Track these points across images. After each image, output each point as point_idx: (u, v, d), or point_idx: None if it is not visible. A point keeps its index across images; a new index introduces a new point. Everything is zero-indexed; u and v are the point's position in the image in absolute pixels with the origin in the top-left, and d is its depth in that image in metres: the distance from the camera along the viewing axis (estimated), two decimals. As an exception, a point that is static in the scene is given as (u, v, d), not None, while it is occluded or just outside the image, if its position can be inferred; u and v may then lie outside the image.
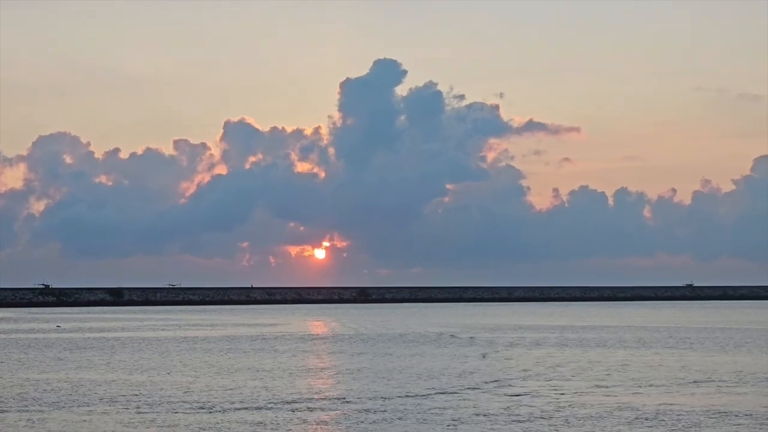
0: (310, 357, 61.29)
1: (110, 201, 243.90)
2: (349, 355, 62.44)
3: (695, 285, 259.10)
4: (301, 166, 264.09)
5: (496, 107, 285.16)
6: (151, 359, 59.46)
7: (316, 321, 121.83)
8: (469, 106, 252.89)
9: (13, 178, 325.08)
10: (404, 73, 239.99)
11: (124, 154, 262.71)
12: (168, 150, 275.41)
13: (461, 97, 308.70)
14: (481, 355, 61.89)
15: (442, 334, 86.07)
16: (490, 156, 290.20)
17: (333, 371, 51.20)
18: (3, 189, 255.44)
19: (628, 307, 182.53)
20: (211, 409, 35.63)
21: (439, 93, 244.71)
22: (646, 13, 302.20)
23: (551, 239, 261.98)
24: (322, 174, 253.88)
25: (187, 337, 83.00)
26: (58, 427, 31.87)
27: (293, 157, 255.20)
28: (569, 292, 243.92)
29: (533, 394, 39.67)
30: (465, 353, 63.17)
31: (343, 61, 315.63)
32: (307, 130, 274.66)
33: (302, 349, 68.80)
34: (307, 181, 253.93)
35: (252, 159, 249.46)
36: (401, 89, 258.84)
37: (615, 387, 42.51)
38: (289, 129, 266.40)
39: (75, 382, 45.64)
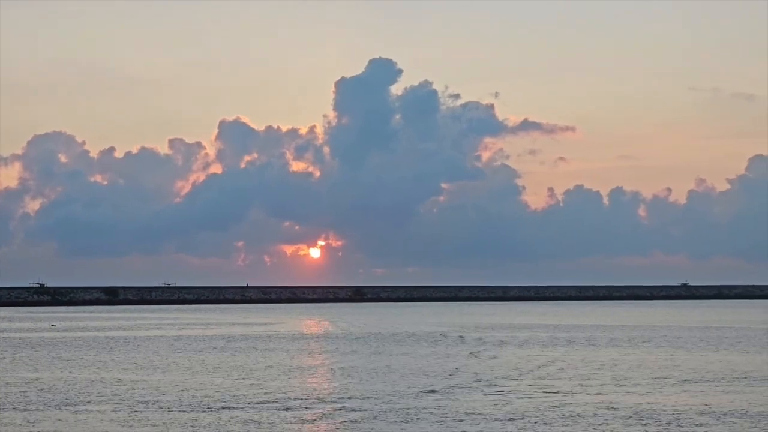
0: (304, 356, 61.58)
1: (105, 200, 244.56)
2: (341, 354, 62.71)
3: (690, 284, 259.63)
4: (296, 166, 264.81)
5: (492, 106, 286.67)
6: (146, 358, 59.70)
7: (310, 320, 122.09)
8: (465, 105, 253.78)
9: (8, 177, 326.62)
10: (399, 72, 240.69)
11: (119, 154, 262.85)
12: (163, 149, 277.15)
13: (456, 96, 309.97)
14: (470, 353, 62.15)
15: (431, 333, 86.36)
16: (486, 155, 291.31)
17: (325, 370, 51.48)
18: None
19: (623, 307, 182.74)
20: (206, 408, 35.87)
21: (435, 92, 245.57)
22: (641, 14, 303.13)
23: (546, 238, 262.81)
24: (318, 173, 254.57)
25: (182, 336, 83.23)
26: (52, 427, 32.08)
27: (288, 156, 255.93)
28: (564, 292, 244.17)
29: (520, 393, 39.87)
30: (454, 352, 63.43)
31: (338, 61, 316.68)
32: (302, 130, 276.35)
33: (296, 348, 69.09)
34: (302, 181, 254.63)
35: (247, 158, 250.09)
36: (396, 88, 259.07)
37: (604, 386, 42.72)
38: (284, 128, 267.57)
39: (70, 381, 45.85)
